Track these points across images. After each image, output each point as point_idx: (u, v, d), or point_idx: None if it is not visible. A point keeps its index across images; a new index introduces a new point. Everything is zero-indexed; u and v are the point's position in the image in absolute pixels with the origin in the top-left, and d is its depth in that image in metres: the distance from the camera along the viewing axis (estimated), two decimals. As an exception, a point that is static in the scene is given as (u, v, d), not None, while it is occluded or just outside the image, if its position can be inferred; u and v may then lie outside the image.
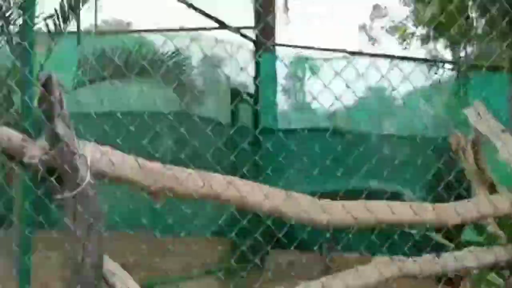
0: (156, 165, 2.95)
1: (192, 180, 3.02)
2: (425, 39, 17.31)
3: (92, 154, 2.79)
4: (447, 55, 16.91)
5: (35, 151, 2.73)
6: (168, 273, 3.33)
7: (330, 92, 3.39)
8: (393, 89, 8.33)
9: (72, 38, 7.71)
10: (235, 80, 9.58)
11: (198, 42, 7.89)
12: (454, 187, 7.37)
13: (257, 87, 9.44)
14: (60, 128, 2.70)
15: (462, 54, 16.54)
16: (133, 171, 2.88)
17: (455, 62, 15.44)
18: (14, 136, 2.73)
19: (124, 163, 2.87)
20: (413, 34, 18.43)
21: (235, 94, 8.89)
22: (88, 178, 2.73)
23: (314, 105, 10.36)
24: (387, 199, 3.73)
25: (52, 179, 2.72)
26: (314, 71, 10.27)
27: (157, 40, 8.97)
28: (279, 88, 10.57)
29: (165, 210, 4.30)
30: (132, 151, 2.95)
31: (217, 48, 8.89)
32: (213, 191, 3.04)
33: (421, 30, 17.44)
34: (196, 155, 3.52)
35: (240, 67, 9.39)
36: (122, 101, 6.85)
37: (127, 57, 7.36)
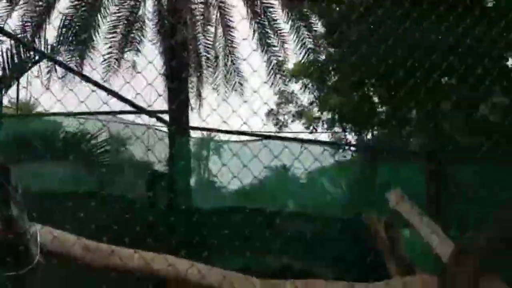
0: (102, 246, 3.25)
1: (136, 259, 3.32)
2: (330, 124, 18.04)
3: (44, 236, 3.03)
4: (353, 139, 17.62)
5: None
6: None
7: (230, 171, 3.57)
8: (305, 169, 8.72)
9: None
10: (149, 160, 9.70)
11: (110, 124, 8.01)
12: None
13: (170, 168, 9.59)
14: (15, 211, 2.89)
15: (368, 137, 17.28)
16: (82, 252, 3.15)
17: (359, 146, 16.07)
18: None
19: (74, 244, 3.12)
20: (319, 119, 19.17)
21: (153, 175, 9.02)
22: (37, 257, 2.94)
23: (217, 184, 10.60)
24: (299, 276, 3.86)
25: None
26: (217, 151, 10.55)
27: (71, 122, 9.02)
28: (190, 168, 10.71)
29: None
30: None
31: (129, 130, 8.99)
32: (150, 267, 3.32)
33: (326, 115, 18.18)
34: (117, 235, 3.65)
35: (148, 148, 9.55)
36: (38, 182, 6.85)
37: (44, 139, 7.40)
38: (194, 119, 11.72)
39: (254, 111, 3.42)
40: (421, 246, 4.48)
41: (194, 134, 10.95)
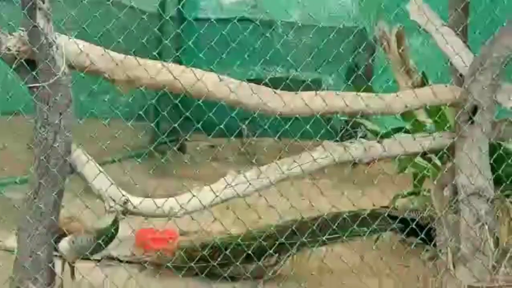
0: (127, 59, 3.19)
1: (164, 73, 3.29)
2: None
3: (69, 47, 2.99)
4: None
5: (12, 42, 2.89)
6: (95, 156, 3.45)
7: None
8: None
9: None
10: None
11: None
12: (371, 75, 7.56)
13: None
14: (40, 20, 2.82)
15: None
16: (107, 65, 3.10)
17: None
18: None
19: (100, 57, 3.09)
20: None
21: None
22: (63, 68, 2.90)
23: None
24: (307, 86, 3.82)
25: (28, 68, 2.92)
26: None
27: None
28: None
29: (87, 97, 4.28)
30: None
31: None
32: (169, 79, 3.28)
33: None
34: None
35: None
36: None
37: None
38: None
39: None
40: (437, 58, 4.36)
41: None
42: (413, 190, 5.30)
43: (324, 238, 4.06)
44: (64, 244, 3.79)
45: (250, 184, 3.44)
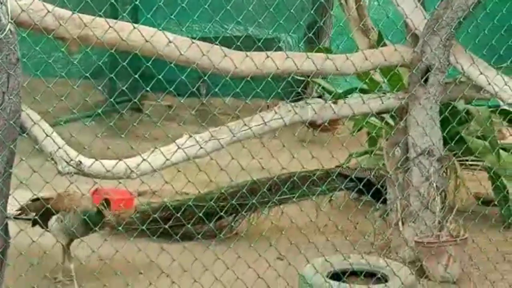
0: (75, 16, 3.09)
1: (112, 30, 3.19)
2: None
3: (14, 3, 2.88)
4: None
5: None
6: (49, 115, 3.42)
7: None
8: None
9: None
10: None
11: None
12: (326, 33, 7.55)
13: None
14: None
15: None
16: (55, 22, 3.02)
17: None
18: None
19: (48, 14, 3.00)
20: None
21: None
22: (8, 26, 2.77)
23: None
24: (265, 44, 3.82)
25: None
26: None
27: None
28: None
29: (43, 55, 4.21)
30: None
31: None
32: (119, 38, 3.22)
33: None
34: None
35: None
36: None
37: None
38: None
39: None
40: (394, 16, 4.38)
41: None
42: (367, 149, 5.39)
43: (275, 199, 4.13)
44: (53, 223, 3.79)
45: (201, 147, 3.45)
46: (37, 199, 3.66)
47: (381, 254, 4.02)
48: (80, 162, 3.17)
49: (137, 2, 6.78)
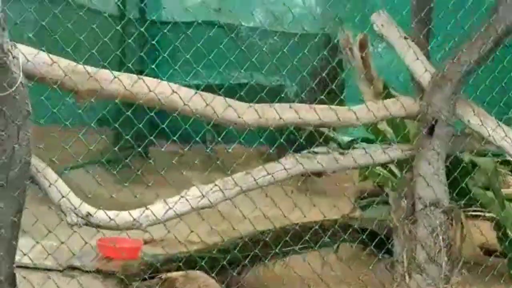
0: (84, 68, 3.14)
1: (118, 82, 3.24)
2: None
3: (25, 57, 2.93)
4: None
5: None
6: (54, 162, 3.45)
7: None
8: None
9: None
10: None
11: None
12: (332, 82, 7.59)
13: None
14: None
15: None
16: (64, 74, 3.07)
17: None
18: None
19: (55, 66, 3.04)
20: None
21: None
22: (20, 79, 2.82)
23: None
24: (270, 92, 3.86)
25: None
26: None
27: None
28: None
29: (50, 101, 4.26)
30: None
31: None
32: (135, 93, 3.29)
33: None
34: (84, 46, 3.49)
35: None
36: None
37: None
38: None
39: None
40: (399, 71, 4.44)
41: None
42: (373, 198, 5.39)
43: (278, 250, 4.16)
44: None
45: (206, 197, 3.48)
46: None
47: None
48: (89, 213, 3.18)
49: (142, 54, 6.89)
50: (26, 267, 4.08)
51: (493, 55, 4.06)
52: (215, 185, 3.54)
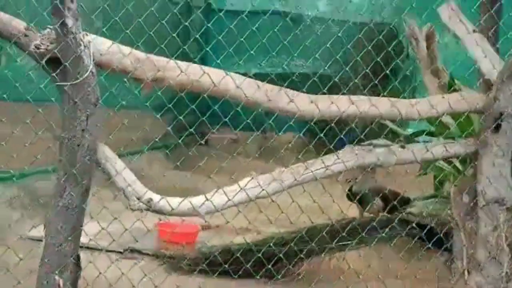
0: (153, 58, 3.22)
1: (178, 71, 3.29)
2: None
3: (96, 46, 3.01)
4: None
5: (40, 40, 2.94)
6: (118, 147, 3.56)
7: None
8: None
9: None
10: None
11: None
12: (397, 73, 7.49)
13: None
14: (69, 19, 2.84)
15: None
16: (133, 64, 3.14)
17: None
18: (16, 22, 2.96)
19: (125, 56, 3.12)
20: None
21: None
22: (90, 68, 2.92)
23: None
24: (326, 82, 3.83)
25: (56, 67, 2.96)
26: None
27: None
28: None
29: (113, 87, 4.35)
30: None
31: None
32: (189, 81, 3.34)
33: None
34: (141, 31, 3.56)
35: None
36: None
37: None
38: None
39: None
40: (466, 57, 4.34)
41: None
42: (434, 193, 5.31)
43: (334, 245, 4.16)
44: None
45: (263, 189, 3.49)
46: None
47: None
48: (151, 199, 3.23)
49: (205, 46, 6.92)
50: (87, 248, 4.22)
51: None
52: (272, 176, 3.54)
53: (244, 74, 3.50)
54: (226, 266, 3.85)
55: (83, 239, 3.14)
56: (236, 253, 4.03)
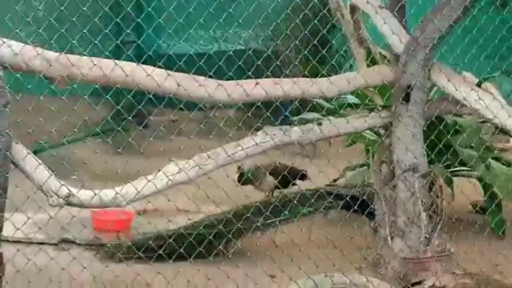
0: (64, 56, 3.29)
1: (94, 68, 3.39)
2: None
3: (4, 49, 3.08)
4: None
5: None
6: (54, 135, 3.63)
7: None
8: None
9: None
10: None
11: None
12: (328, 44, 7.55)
13: None
14: None
15: None
16: (43, 64, 3.21)
17: None
18: None
19: (35, 57, 3.18)
20: None
21: None
22: None
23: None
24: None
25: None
26: None
27: None
28: None
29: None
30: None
31: None
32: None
33: None
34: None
35: None
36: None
37: None
38: None
39: None
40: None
41: None
42: (364, 162, 5.46)
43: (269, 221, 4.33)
44: None
45: (199, 168, 3.60)
46: None
47: (376, 269, 4.14)
48: (69, 194, 3.29)
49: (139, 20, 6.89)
50: (20, 242, 4.26)
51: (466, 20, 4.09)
52: (193, 160, 3.64)
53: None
54: (161, 252, 3.95)
55: (11, 232, 3.21)
56: (169, 238, 4.13)
